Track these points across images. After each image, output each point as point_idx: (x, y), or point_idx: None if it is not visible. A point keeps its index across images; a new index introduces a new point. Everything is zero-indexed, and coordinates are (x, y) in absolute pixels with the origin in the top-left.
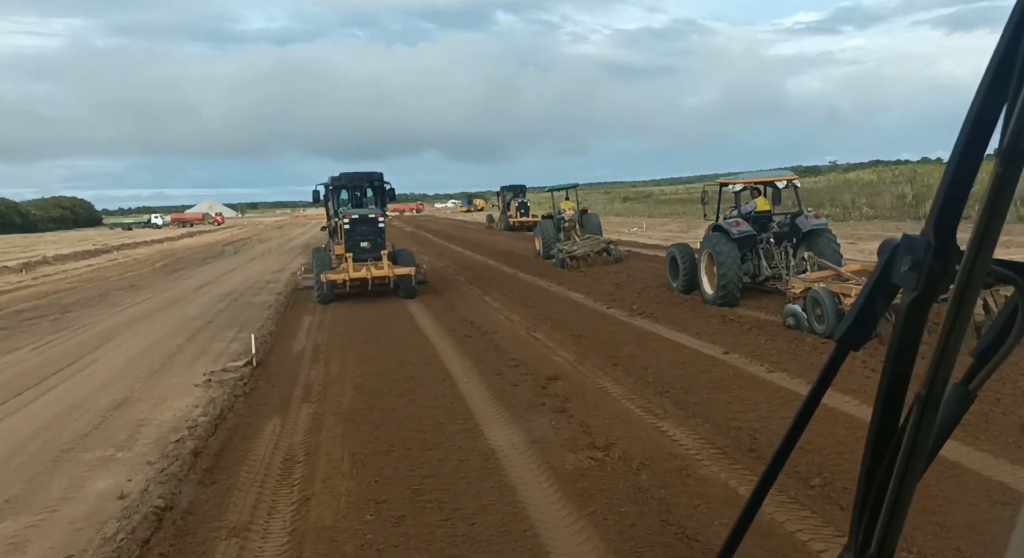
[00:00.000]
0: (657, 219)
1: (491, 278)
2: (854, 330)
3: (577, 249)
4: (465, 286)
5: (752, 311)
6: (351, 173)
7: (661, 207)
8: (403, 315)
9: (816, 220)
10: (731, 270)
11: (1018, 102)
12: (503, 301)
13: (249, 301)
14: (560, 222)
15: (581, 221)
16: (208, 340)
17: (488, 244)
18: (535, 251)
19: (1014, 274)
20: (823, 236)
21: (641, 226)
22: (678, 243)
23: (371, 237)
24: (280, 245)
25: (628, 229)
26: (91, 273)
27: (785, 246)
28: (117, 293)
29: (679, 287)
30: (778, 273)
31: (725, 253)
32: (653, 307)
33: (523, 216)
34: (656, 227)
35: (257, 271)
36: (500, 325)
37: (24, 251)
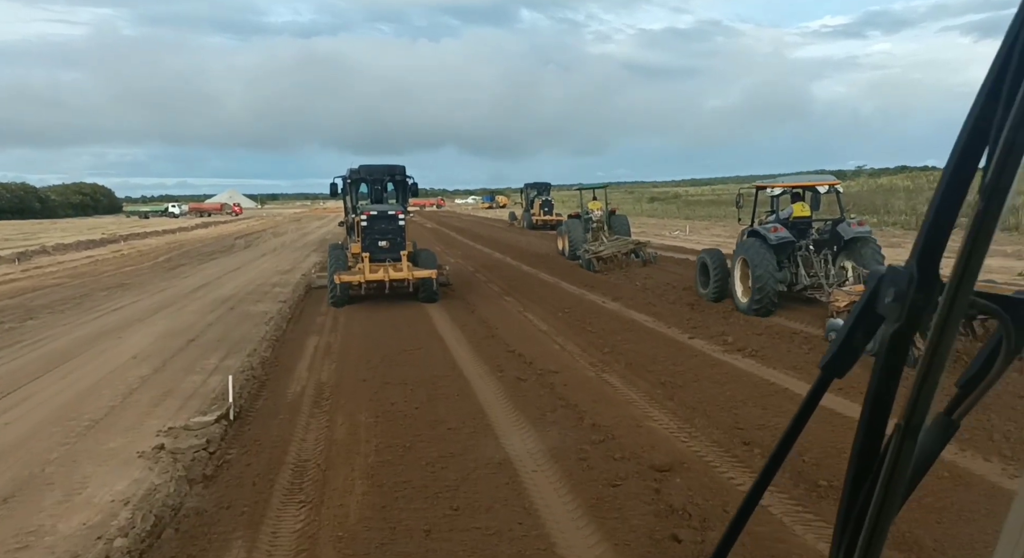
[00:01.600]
0: (698, 222)
1: (528, 287)
2: (838, 358)
3: (604, 250)
4: (503, 298)
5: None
6: (371, 165)
7: (695, 209)
8: (432, 339)
9: (859, 227)
10: (767, 278)
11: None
12: (551, 321)
13: (247, 311)
14: (588, 222)
15: (609, 222)
16: (182, 371)
17: (514, 244)
18: (558, 251)
19: (997, 306)
20: (867, 245)
21: (683, 230)
22: (708, 248)
23: (390, 236)
24: (294, 240)
25: (669, 233)
26: (87, 266)
27: (825, 254)
28: (101, 294)
29: (709, 294)
30: (817, 283)
31: (761, 260)
32: (746, 338)
33: (547, 215)
34: (699, 231)
35: (264, 271)
36: (557, 360)
37: (28, 238)
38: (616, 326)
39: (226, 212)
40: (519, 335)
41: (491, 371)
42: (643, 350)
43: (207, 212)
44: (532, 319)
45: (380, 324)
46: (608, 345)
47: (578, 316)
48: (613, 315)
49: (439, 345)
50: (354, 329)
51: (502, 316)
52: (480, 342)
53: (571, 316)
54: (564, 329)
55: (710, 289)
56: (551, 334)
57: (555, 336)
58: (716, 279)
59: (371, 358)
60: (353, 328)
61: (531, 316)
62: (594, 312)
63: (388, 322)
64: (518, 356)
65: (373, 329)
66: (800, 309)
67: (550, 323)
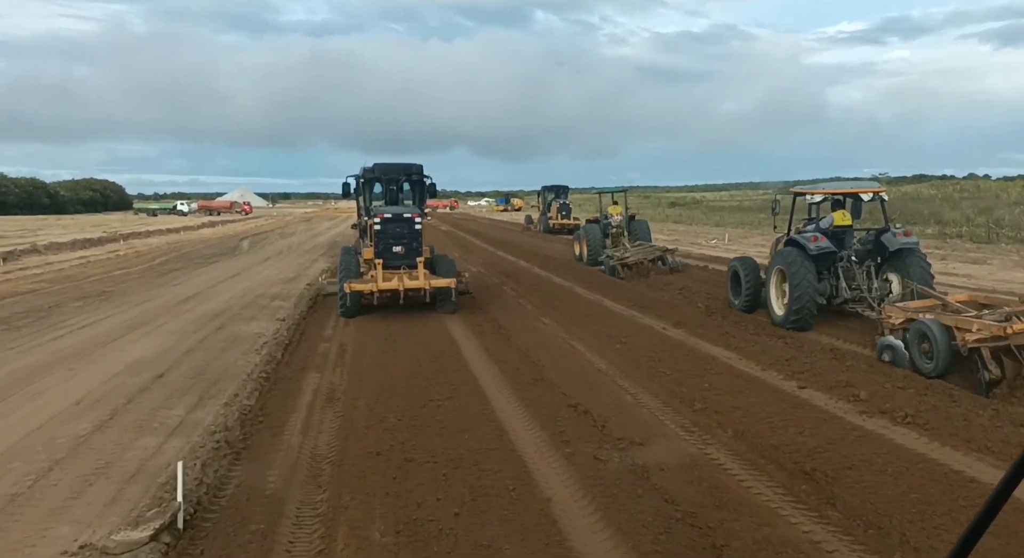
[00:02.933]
0: (732, 229)
1: (566, 304)
2: None
3: (629, 256)
4: (539, 321)
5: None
6: (386, 163)
7: (723, 215)
8: (464, 382)
9: (906, 237)
10: (806, 290)
11: None
12: (607, 355)
13: (237, 332)
14: (607, 227)
15: (629, 227)
16: (133, 428)
17: (536, 250)
18: (574, 257)
19: None
20: (913, 257)
21: (722, 238)
22: (741, 257)
23: (405, 240)
24: (302, 242)
25: (705, 241)
26: (74, 269)
27: (868, 266)
28: (75, 305)
29: (740, 305)
30: (859, 296)
31: (800, 271)
32: (893, 395)
33: (564, 218)
34: (738, 240)
35: (265, 278)
36: (636, 421)
37: (25, 236)
38: (693, 366)
39: (235, 211)
40: (573, 377)
41: (551, 441)
42: (746, 407)
43: (216, 210)
44: (582, 351)
45: (397, 355)
46: (696, 397)
47: (640, 349)
48: (682, 348)
49: (474, 391)
50: (364, 362)
51: (545, 346)
52: (526, 388)
53: (631, 349)
54: (628, 368)
55: (742, 299)
56: (614, 377)
57: (619, 379)
58: (748, 289)
59: (386, 413)
60: (363, 360)
61: (580, 346)
62: (657, 343)
63: (407, 352)
64: (582, 414)
65: (388, 362)
66: (838, 323)
67: (607, 358)
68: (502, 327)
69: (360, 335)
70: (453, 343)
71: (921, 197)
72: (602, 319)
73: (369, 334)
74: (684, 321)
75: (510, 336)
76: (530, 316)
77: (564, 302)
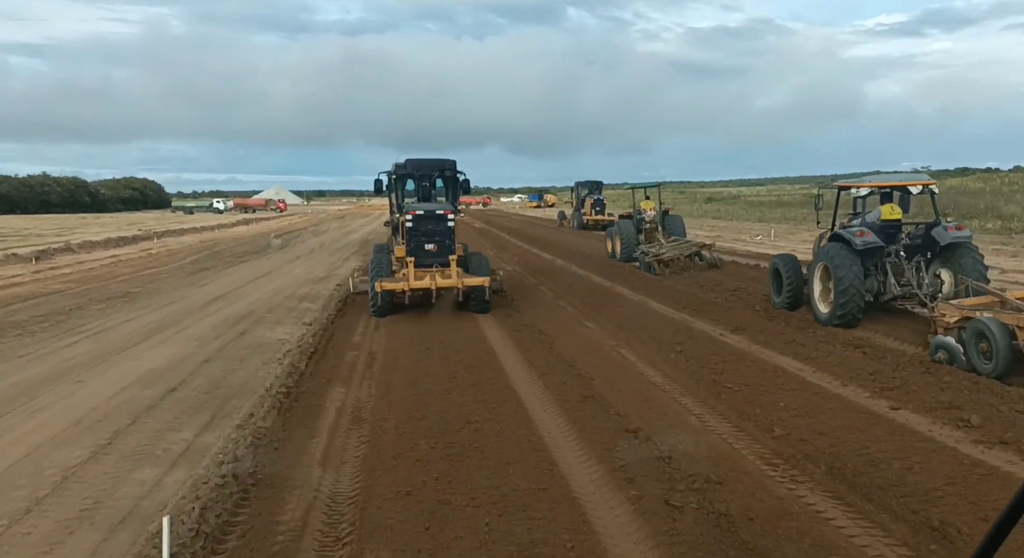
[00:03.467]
0: (775, 225)
1: (611, 306)
2: None
3: (665, 252)
4: (583, 324)
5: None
6: (419, 159)
7: (764, 211)
8: (505, 398)
9: (958, 232)
10: (852, 287)
11: None
12: (662, 366)
13: (261, 338)
14: (640, 223)
15: (663, 223)
16: (132, 457)
17: (573, 247)
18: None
19: None
20: (966, 251)
21: (767, 235)
22: (782, 254)
23: (438, 238)
24: (334, 240)
25: (750, 237)
26: (104, 268)
27: (918, 261)
28: (97, 307)
29: (782, 303)
30: (908, 292)
31: (846, 267)
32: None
33: (599, 214)
34: (784, 236)
35: (295, 278)
36: (706, 448)
37: (63, 234)
38: (762, 380)
39: (270, 208)
40: (627, 393)
41: (611, 478)
42: (834, 433)
43: (251, 208)
44: (633, 361)
45: (430, 365)
46: (773, 420)
47: (697, 358)
48: (746, 358)
49: (516, 411)
50: (394, 374)
51: (591, 355)
52: (575, 407)
53: (688, 358)
54: (687, 383)
55: (783, 297)
56: (672, 393)
57: (679, 396)
58: (790, 286)
59: (418, 439)
60: (393, 372)
61: (630, 355)
62: (716, 351)
63: (440, 362)
64: (644, 442)
65: (420, 374)
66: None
67: (662, 370)
68: (543, 332)
69: (391, 341)
70: (491, 351)
71: (969, 190)
72: (650, 323)
73: (401, 340)
74: (743, 326)
75: (552, 342)
76: (572, 319)
77: (607, 303)
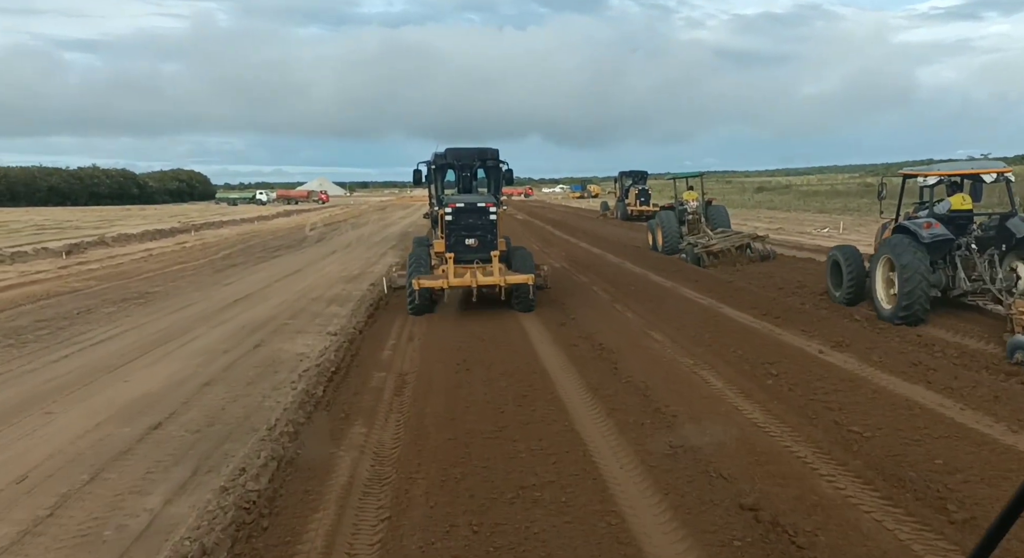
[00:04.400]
0: (836, 216)
1: (678, 313)
2: None
3: (715, 244)
4: (649, 335)
5: None
6: (459, 148)
7: (823, 201)
8: (571, 451)
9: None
10: (919, 282)
11: None
12: (758, 396)
13: (277, 351)
14: (683, 214)
15: (707, 213)
16: (71, 541)
17: (624, 241)
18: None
19: None
20: None
21: (834, 226)
22: (841, 245)
23: (479, 232)
24: (372, 233)
25: (815, 230)
26: (133, 263)
27: (991, 254)
28: (106, 311)
29: (842, 297)
30: (980, 288)
31: (911, 260)
32: None
33: (643, 205)
34: (854, 228)
35: (326, 276)
36: (832, 515)
37: (102, 227)
38: (898, 421)
39: (312, 200)
40: (727, 441)
41: None
42: None
43: (294, 199)
44: (721, 388)
45: (471, 393)
46: (940, 490)
47: (801, 386)
48: (864, 387)
49: (585, 469)
50: (428, 406)
51: (667, 379)
52: (664, 464)
53: (788, 385)
54: (799, 422)
55: (843, 291)
56: (785, 439)
57: (795, 444)
58: (851, 280)
59: (456, 515)
60: (427, 402)
61: (715, 380)
62: (821, 376)
63: (483, 389)
64: (772, 528)
65: (459, 406)
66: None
67: (760, 402)
68: (603, 347)
69: (425, 357)
70: (543, 373)
71: None
72: (730, 335)
73: (436, 355)
74: (845, 340)
75: (616, 362)
76: (634, 329)
77: (672, 308)
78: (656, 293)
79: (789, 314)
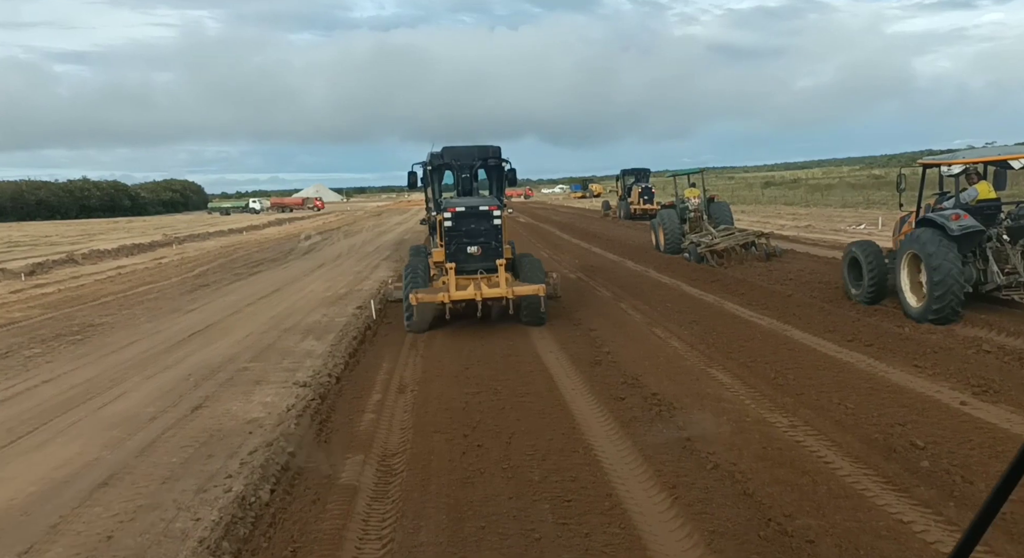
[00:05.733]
0: (868, 210)
1: (703, 320)
2: None
3: (719, 242)
4: (712, 374)
5: None
6: (457, 147)
7: (844, 195)
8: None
9: None
10: (951, 277)
11: None
12: (798, 409)
13: (220, 419)
14: (684, 212)
15: (708, 211)
16: None
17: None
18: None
19: None
20: None
21: (872, 222)
22: (859, 240)
23: (483, 239)
24: (366, 242)
25: (850, 227)
26: (95, 286)
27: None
28: (28, 353)
29: (862, 296)
30: (1015, 281)
31: (940, 255)
32: None
33: (647, 203)
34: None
35: (308, 296)
36: None
37: (81, 241)
38: None
39: (307, 207)
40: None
41: None
42: None
43: (288, 207)
44: (798, 439)
45: (485, 495)
46: None
47: (891, 423)
48: (966, 424)
49: None
50: (425, 519)
51: (718, 420)
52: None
53: (877, 424)
54: (915, 483)
55: (864, 289)
56: (910, 533)
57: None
58: (872, 277)
59: None
60: (422, 508)
61: (779, 419)
62: (917, 411)
63: (502, 487)
64: None
65: (468, 523)
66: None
67: (850, 451)
68: (636, 379)
69: (420, 425)
70: (587, 451)
71: None
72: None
73: (434, 421)
74: (921, 364)
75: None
76: (690, 367)
77: (708, 323)
78: (687, 305)
79: (842, 329)
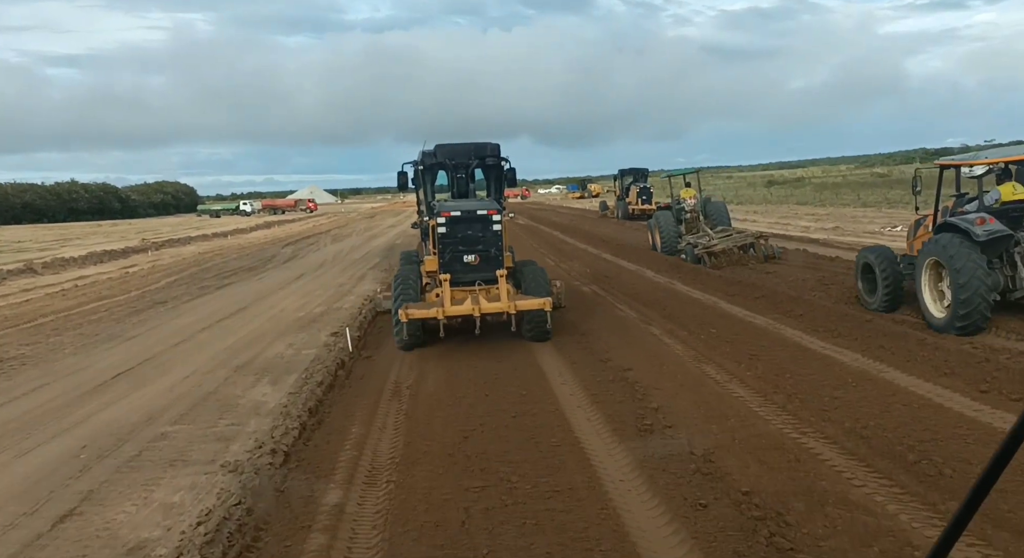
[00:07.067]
0: (892, 210)
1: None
2: None
3: (716, 244)
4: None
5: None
6: (451, 145)
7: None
8: None
9: None
10: (977, 287)
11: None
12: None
13: (86, 547)
14: (680, 213)
15: (705, 211)
16: None
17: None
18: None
19: None
20: None
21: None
22: (872, 246)
23: (481, 247)
24: (354, 248)
25: (883, 228)
26: (42, 301)
27: None
28: None
29: (877, 304)
30: None
31: (965, 261)
32: None
33: (645, 203)
34: None
35: (277, 317)
36: None
37: (53, 247)
38: None
39: (300, 209)
40: None
41: None
42: None
43: (280, 209)
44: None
45: None
46: None
47: None
48: None
49: None
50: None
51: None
52: None
53: None
54: None
55: (879, 297)
56: None
57: None
58: (887, 284)
59: None
60: None
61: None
62: None
63: None
64: None
65: None
66: None
67: None
68: (709, 460)
69: (398, 548)
70: (612, 521)
71: None
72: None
73: (419, 546)
74: None
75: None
76: (741, 407)
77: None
78: (756, 341)
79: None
